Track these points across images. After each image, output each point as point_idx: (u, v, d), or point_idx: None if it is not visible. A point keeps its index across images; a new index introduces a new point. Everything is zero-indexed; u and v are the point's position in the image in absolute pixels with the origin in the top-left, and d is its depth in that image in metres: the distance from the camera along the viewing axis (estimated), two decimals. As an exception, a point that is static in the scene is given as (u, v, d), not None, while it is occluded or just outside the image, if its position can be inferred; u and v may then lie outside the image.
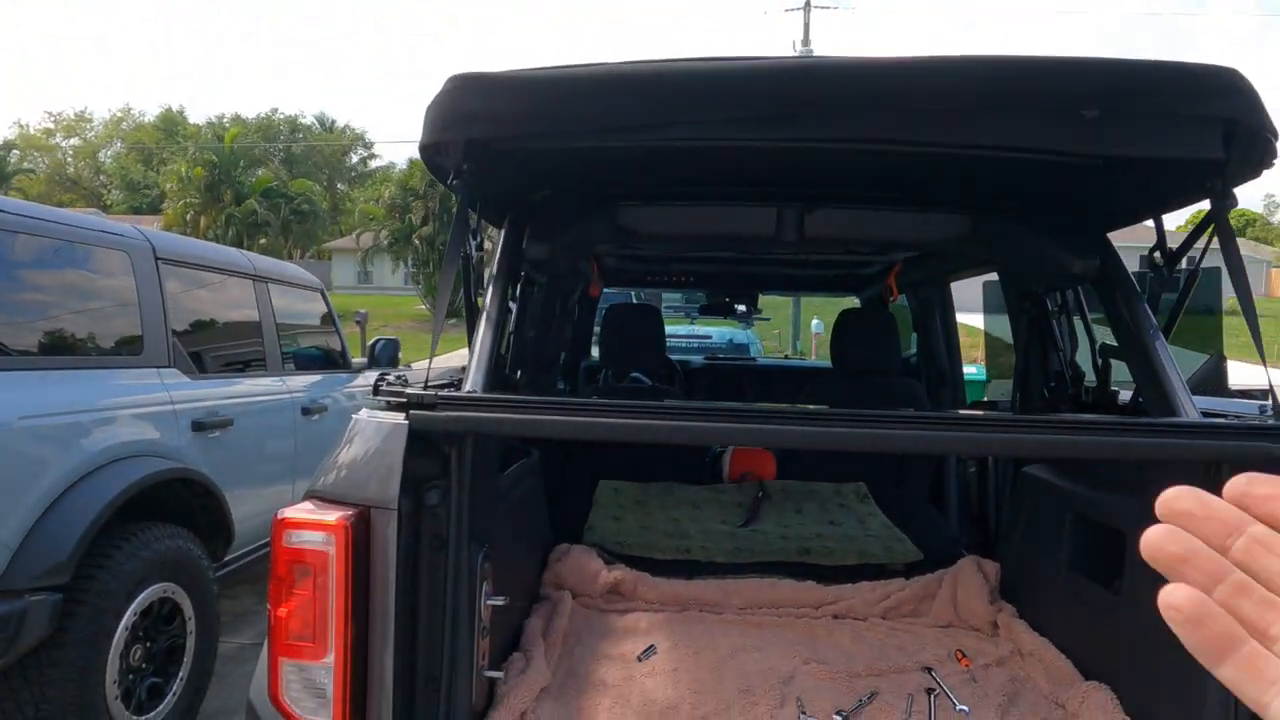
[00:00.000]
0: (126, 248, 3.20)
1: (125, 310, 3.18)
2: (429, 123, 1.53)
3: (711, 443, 2.86)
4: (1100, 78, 1.38)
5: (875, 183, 2.05)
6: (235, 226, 28.21)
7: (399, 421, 1.34)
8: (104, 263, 3.11)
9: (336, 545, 1.28)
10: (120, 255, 3.17)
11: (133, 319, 3.18)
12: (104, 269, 3.11)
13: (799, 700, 1.74)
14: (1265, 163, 1.47)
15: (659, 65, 1.45)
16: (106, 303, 3.15)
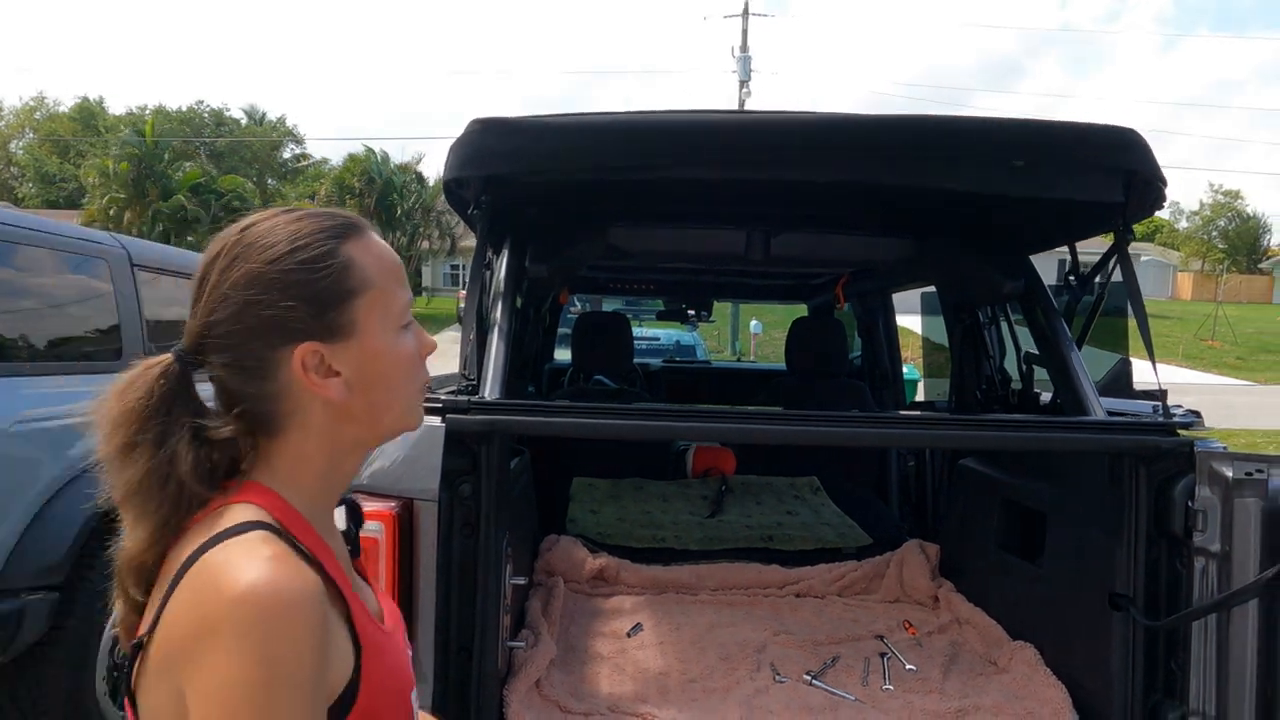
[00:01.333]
0: (104, 255, 3.27)
1: (104, 316, 3.24)
2: (452, 160, 1.73)
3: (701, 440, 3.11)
4: (1025, 135, 1.67)
5: (834, 211, 2.32)
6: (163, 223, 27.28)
7: (436, 424, 1.53)
8: (84, 270, 3.17)
9: (386, 532, 1.47)
10: (99, 263, 3.23)
11: (112, 325, 3.25)
12: (84, 276, 3.18)
13: (772, 665, 1.99)
14: (1157, 205, 1.78)
15: (657, 116, 1.69)
16: (86, 309, 3.21)
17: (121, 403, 0.75)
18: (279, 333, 0.76)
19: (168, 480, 0.74)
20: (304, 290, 0.77)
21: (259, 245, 0.78)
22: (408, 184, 27.68)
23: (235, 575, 0.67)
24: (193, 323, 0.78)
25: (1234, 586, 1.49)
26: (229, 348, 0.77)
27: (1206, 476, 1.55)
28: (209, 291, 0.77)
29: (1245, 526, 1.49)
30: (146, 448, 0.74)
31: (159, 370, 0.77)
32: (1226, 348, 23.44)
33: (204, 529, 0.72)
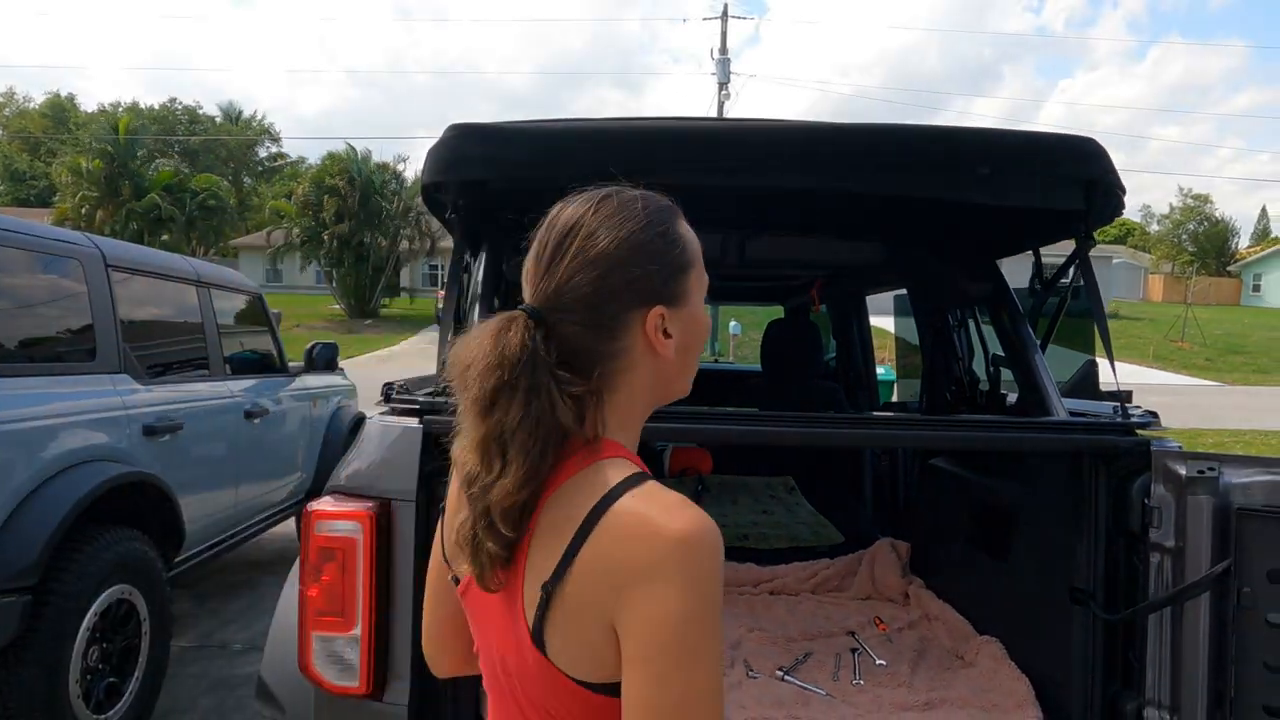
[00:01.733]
0: (78, 255, 3.24)
1: (78, 317, 3.22)
2: (429, 165, 1.75)
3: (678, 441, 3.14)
4: (991, 144, 1.72)
5: (807, 216, 2.36)
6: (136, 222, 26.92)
7: (414, 425, 1.55)
8: (57, 271, 3.15)
9: (364, 532, 1.49)
10: (72, 263, 3.21)
11: (85, 326, 3.23)
12: (57, 277, 3.16)
13: (746, 661, 2.03)
14: (1117, 212, 1.84)
15: (632, 123, 1.72)
16: (60, 310, 3.19)
17: (498, 346, 0.80)
18: (636, 295, 0.84)
19: (541, 424, 0.79)
20: (660, 259, 0.86)
21: (621, 216, 0.86)
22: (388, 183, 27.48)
23: (668, 520, 0.75)
24: (545, 283, 0.84)
25: (1187, 581, 1.54)
26: (588, 307, 0.83)
27: (1162, 475, 1.61)
28: (570, 256, 0.84)
29: (1198, 523, 1.54)
30: (522, 392, 0.79)
31: (523, 323, 0.82)
32: (1196, 349, 23.87)
33: (589, 479, 0.79)
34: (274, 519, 4.73)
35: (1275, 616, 1.47)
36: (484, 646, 0.87)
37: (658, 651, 0.73)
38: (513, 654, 0.81)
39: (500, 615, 0.82)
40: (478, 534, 0.80)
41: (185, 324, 4.04)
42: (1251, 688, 1.49)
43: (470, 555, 0.81)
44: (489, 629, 0.85)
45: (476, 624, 0.88)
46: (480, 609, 0.86)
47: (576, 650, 0.77)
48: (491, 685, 0.87)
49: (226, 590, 4.82)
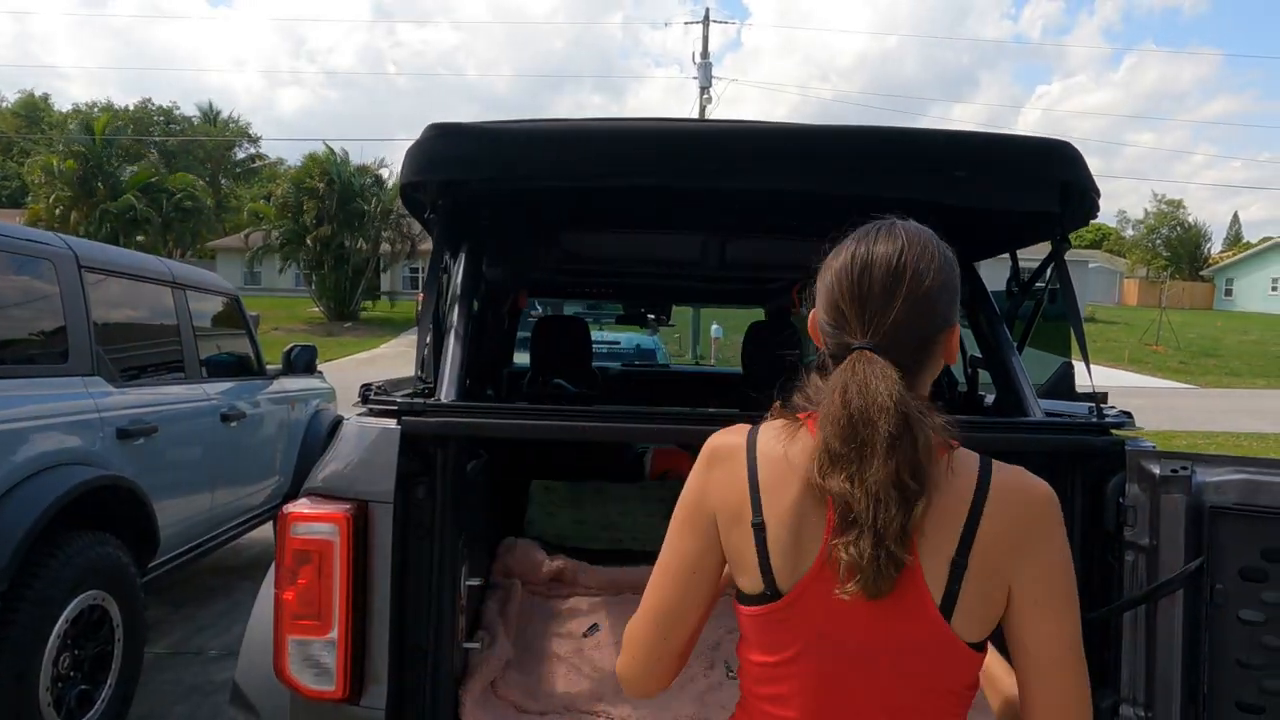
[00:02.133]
0: (50, 256, 3.19)
1: (50, 319, 3.17)
2: (408, 165, 1.74)
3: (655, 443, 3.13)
4: (968, 147, 1.73)
5: (784, 218, 2.37)
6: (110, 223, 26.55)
7: (391, 427, 1.54)
8: (29, 272, 3.10)
9: (340, 534, 1.47)
10: (44, 264, 3.16)
11: (58, 328, 3.18)
12: (29, 278, 3.10)
13: (725, 662, 2.02)
14: (1091, 215, 1.86)
15: (612, 124, 1.72)
16: (32, 312, 3.14)
17: (888, 384, 0.91)
18: (946, 320, 0.99)
19: (927, 451, 0.91)
20: (954, 287, 1.01)
21: (933, 251, 1.00)
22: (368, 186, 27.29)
23: (1034, 483, 0.98)
24: (881, 320, 0.95)
25: (1161, 579, 1.56)
26: (921, 335, 0.97)
27: (1136, 474, 1.62)
28: (906, 292, 0.95)
29: (1171, 521, 1.56)
30: (916, 423, 0.91)
31: (884, 365, 0.93)
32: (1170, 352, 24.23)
33: (954, 469, 0.95)
34: (251, 523, 4.68)
35: (1247, 613, 1.49)
36: (828, 645, 0.95)
37: (1061, 592, 0.96)
38: (900, 636, 0.92)
39: (876, 608, 0.91)
40: (881, 559, 0.88)
41: (160, 326, 3.99)
42: (1224, 684, 1.51)
43: (870, 575, 0.88)
44: (846, 625, 0.93)
45: (815, 626, 0.95)
46: (827, 610, 0.93)
47: (979, 614, 0.93)
48: (831, 679, 0.95)
49: (202, 595, 4.76)
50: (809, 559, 0.94)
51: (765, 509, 0.96)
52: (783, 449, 0.98)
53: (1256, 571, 1.49)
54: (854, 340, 0.96)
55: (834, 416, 0.92)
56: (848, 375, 0.93)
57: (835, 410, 0.92)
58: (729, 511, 0.99)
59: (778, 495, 0.96)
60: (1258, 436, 12.08)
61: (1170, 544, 1.56)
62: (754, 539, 0.96)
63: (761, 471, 0.98)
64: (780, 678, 0.97)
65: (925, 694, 0.95)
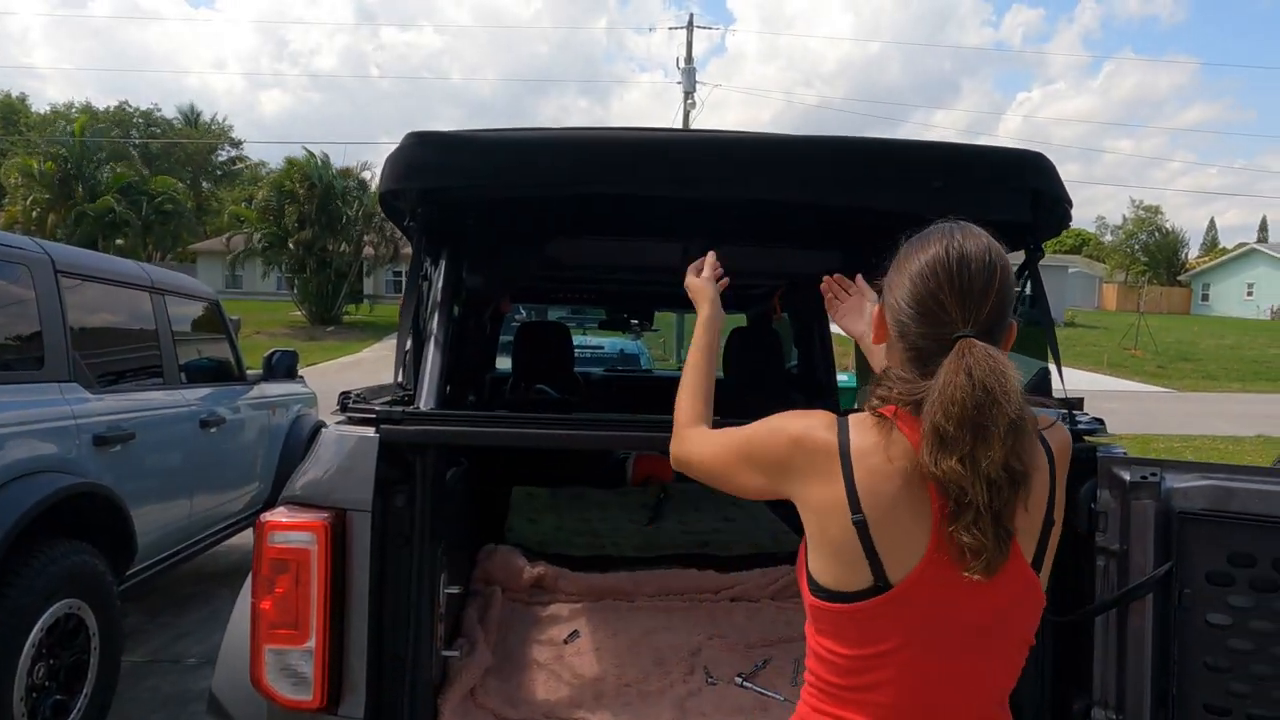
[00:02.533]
0: (26, 261, 3.16)
1: (25, 324, 3.14)
2: (388, 172, 1.74)
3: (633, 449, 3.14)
4: (944, 157, 1.76)
5: (767, 226, 2.39)
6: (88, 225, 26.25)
7: (370, 435, 1.54)
8: (4, 277, 3.07)
9: (319, 543, 1.47)
10: (20, 269, 3.13)
11: (33, 333, 3.15)
12: (3, 282, 3.07)
13: (705, 668, 2.04)
14: (1064, 224, 1.89)
15: (592, 133, 1.73)
16: (6, 317, 3.11)
17: (1006, 373, 0.98)
18: (1013, 313, 1.09)
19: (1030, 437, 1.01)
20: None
21: (992, 241, 1.10)
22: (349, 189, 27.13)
23: (1066, 434, 1.18)
24: (980, 310, 1.03)
25: (1131, 583, 1.59)
26: (1004, 326, 1.07)
27: (1107, 480, 1.65)
28: (999, 285, 1.05)
29: (1141, 526, 1.59)
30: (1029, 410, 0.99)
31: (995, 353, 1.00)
32: (1148, 356, 24.51)
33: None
34: (230, 530, 4.64)
35: (1215, 617, 1.52)
36: (935, 629, 1.01)
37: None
38: (1006, 599, 1.02)
39: (984, 584, 0.97)
40: (1002, 538, 0.96)
41: (139, 331, 3.95)
42: (1193, 686, 1.53)
43: (993, 556, 0.95)
44: (957, 608, 1.00)
45: (922, 614, 1.00)
46: (935, 598, 1.00)
47: (1050, 561, 1.08)
48: (938, 659, 1.01)
49: (180, 603, 4.71)
50: (919, 551, 0.99)
51: (866, 507, 1.00)
52: (881, 448, 1.02)
53: (1223, 576, 1.52)
54: (957, 330, 1.02)
55: (954, 400, 0.96)
56: (968, 361, 0.98)
57: (957, 394, 0.96)
58: (820, 506, 1.04)
59: (878, 493, 1.00)
60: (1233, 439, 12.24)
61: (1140, 549, 1.59)
62: (858, 536, 1.00)
63: (858, 472, 1.02)
64: (877, 667, 1.02)
65: (1018, 647, 1.07)
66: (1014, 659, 1.08)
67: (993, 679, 1.06)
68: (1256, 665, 1.49)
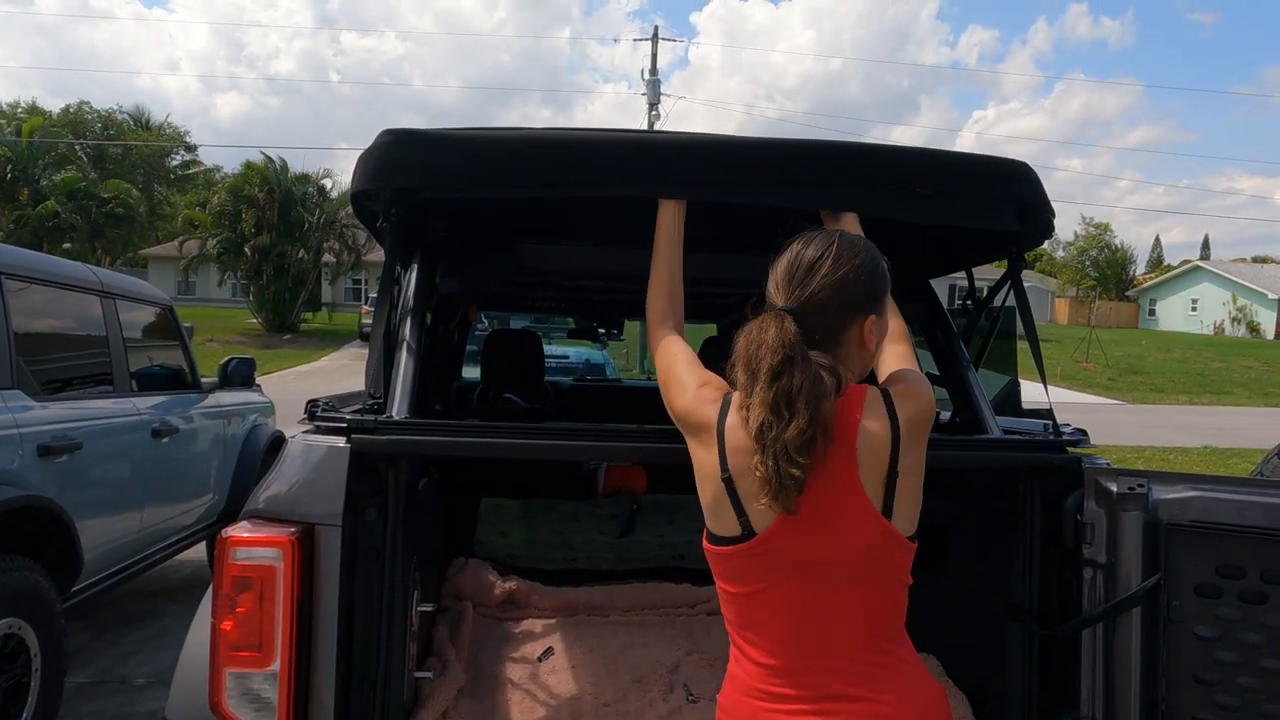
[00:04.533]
0: (-34, 262, 3.01)
1: (-35, 328, 2.98)
2: (360, 171, 1.66)
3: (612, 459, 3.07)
4: (930, 164, 1.73)
5: (743, 232, 2.35)
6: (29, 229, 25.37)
7: (340, 445, 1.46)
8: (-57, 277, 2.91)
9: (285, 560, 1.38)
10: (-40, 270, 2.97)
11: (-27, 337, 2.99)
12: (-58, 284, 2.92)
13: (685, 685, 1.98)
14: (1047, 234, 1.89)
15: (571, 134, 1.67)
16: (-55, 320, 2.94)
17: (780, 333, 1.17)
18: (857, 309, 1.24)
19: (819, 383, 1.15)
20: (877, 285, 1.27)
21: (853, 251, 1.26)
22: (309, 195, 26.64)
23: (921, 390, 1.27)
24: (799, 293, 1.22)
25: (1119, 595, 1.57)
26: (823, 315, 1.21)
27: (1093, 491, 1.64)
28: (819, 278, 1.22)
29: (1128, 538, 1.58)
30: (800, 364, 1.15)
31: (785, 320, 1.19)
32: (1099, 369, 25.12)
33: (870, 402, 1.21)
34: (182, 544, 4.46)
35: (1202, 629, 1.51)
36: (800, 570, 1.16)
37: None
38: (861, 544, 1.15)
39: (838, 522, 1.15)
40: (780, 468, 1.10)
41: (88, 337, 3.79)
42: (1181, 699, 1.52)
43: (776, 488, 1.11)
44: (812, 550, 1.15)
45: (787, 557, 1.16)
46: (794, 543, 1.15)
47: (909, 510, 1.19)
48: (809, 597, 1.16)
49: (127, 621, 4.51)
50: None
51: (731, 468, 1.19)
52: (743, 420, 1.19)
53: (1211, 588, 1.51)
54: (775, 306, 1.23)
55: (736, 348, 1.21)
56: (751, 322, 1.21)
57: (738, 344, 1.20)
58: (701, 468, 1.25)
59: (737, 456, 1.18)
60: (1181, 450, 12.56)
61: (1127, 561, 1.58)
62: (726, 492, 1.19)
63: (728, 441, 1.20)
64: (757, 605, 1.19)
65: (891, 588, 1.20)
66: (890, 597, 1.20)
67: (872, 615, 1.18)
68: (1245, 677, 1.48)
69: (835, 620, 1.16)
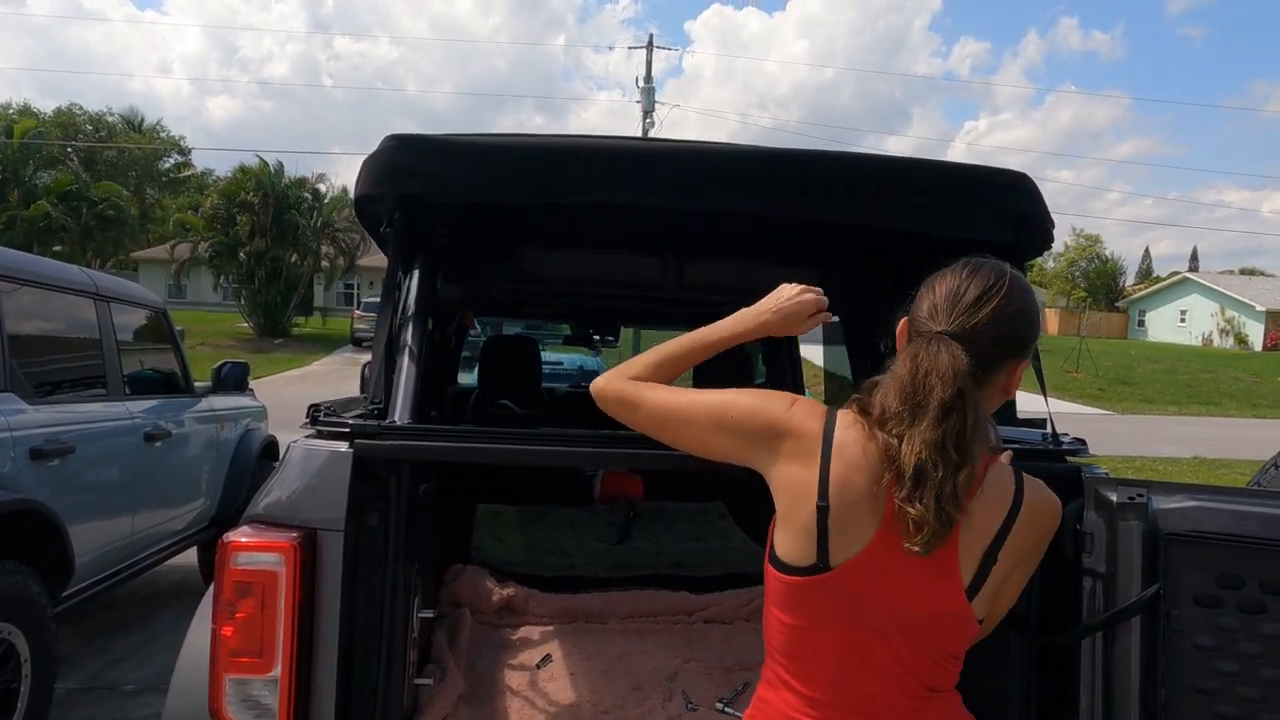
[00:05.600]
0: (-41, 263, 2.99)
1: (-42, 330, 2.96)
2: (364, 176, 1.66)
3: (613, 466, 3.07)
4: (930, 175, 1.74)
5: (744, 242, 2.36)
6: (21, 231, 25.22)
7: (343, 450, 1.45)
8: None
9: (287, 565, 1.37)
10: (-46, 272, 2.95)
11: (-33, 340, 2.97)
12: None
13: (684, 693, 1.97)
14: (1046, 245, 1.90)
15: (575, 141, 1.68)
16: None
17: (954, 361, 1.07)
18: (1015, 350, 1.15)
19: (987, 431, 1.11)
20: (1035, 329, 1.18)
21: (1024, 289, 1.17)
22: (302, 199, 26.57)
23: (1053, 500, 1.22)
24: (965, 320, 1.11)
25: (1118, 605, 1.58)
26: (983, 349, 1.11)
27: (1093, 501, 1.64)
28: (989, 309, 1.11)
29: (1128, 548, 1.58)
30: (972, 402, 1.06)
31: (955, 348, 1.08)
32: (1089, 379, 25.25)
33: (998, 477, 1.14)
34: (174, 549, 4.43)
35: (1202, 639, 1.51)
36: (860, 614, 1.09)
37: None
38: (929, 607, 1.09)
39: (919, 579, 1.08)
40: (943, 512, 1.02)
41: (81, 340, 3.77)
42: (1180, 710, 1.52)
43: (932, 529, 1.02)
44: (893, 593, 1.08)
45: (852, 598, 1.09)
46: (881, 579, 1.08)
47: (991, 597, 1.13)
48: (862, 637, 1.10)
49: (118, 626, 4.48)
50: (864, 540, 1.08)
51: (832, 495, 1.09)
52: (859, 443, 1.10)
53: (1210, 598, 1.51)
54: (935, 328, 1.11)
55: (897, 376, 1.09)
56: (916, 347, 1.09)
57: (901, 370, 1.09)
58: (791, 486, 1.13)
59: (845, 483, 1.09)
60: (1171, 460, 12.63)
61: (1127, 570, 1.58)
62: (816, 521, 1.09)
63: (835, 462, 1.10)
64: (811, 640, 1.13)
65: (939, 659, 1.13)
66: (938, 666, 1.13)
67: (914, 675, 1.12)
68: (1244, 688, 1.48)
69: (880, 670, 1.11)
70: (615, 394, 1.33)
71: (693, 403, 1.25)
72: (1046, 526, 1.17)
